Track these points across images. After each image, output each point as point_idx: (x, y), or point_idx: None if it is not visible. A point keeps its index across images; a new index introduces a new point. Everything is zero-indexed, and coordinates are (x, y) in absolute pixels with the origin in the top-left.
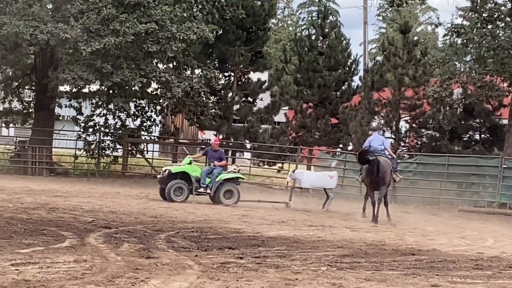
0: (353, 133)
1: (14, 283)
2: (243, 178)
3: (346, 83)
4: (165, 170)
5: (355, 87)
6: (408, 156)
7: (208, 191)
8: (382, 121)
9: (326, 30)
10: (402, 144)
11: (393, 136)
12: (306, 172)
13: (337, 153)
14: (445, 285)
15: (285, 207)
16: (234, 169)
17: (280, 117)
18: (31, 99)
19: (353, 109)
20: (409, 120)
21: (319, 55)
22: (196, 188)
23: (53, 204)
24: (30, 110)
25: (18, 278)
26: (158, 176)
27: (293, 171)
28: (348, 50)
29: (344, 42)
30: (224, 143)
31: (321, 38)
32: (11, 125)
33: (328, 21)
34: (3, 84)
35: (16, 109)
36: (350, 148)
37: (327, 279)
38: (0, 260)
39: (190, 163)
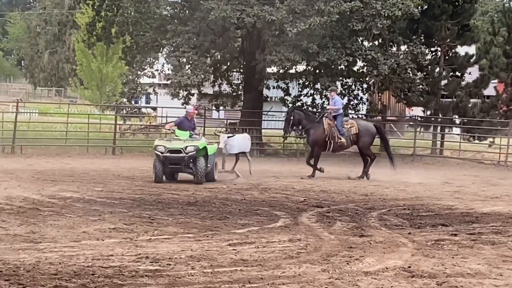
0: None
1: (232, 263)
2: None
3: None
4: (185, 147)
5: None
6: None
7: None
8: None
9: None
10: None
11: None
12: (235, 137)
13: None
14: None
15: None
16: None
17: (489, 91)
18: (239, 81)
19: None
20: None
21: None
22: None
23: (265, 185)
24: (239, 92)
25: (236, 258)
26: (173, 155)
27: (228, 137)
28: None
29: None
30: (433, 119)
31: None
32: (221, 107)
33: None
34: (212, 68)
35: (226, 92)
36: None
37: None
38: (218, 240)
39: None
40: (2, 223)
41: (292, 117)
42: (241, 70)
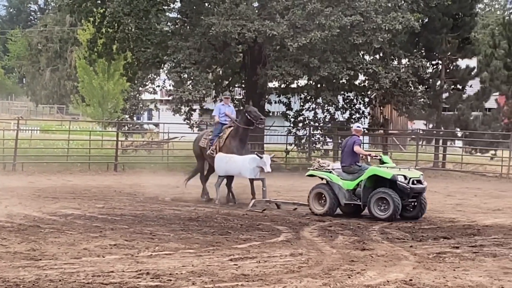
0: None
1: (234, 278)
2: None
3: None
4: (420, 176)
5: None
6: None
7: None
8: None
9: None
10: None
11: None
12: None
13: None
14: None
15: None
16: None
17: (491, 103)
18: (241, 96)
19: None
20: None
21: None
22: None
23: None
24: (241, 107)
25: (237, 273)
26: (418, 186)
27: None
28: None
29: None
30: (435, 132)
31: None
32: None
33: None
34: (214, 83)
35: None
36: None
37: None
38: (219, 255)
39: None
40: (2, 240)
41: None
42: (243, 85)
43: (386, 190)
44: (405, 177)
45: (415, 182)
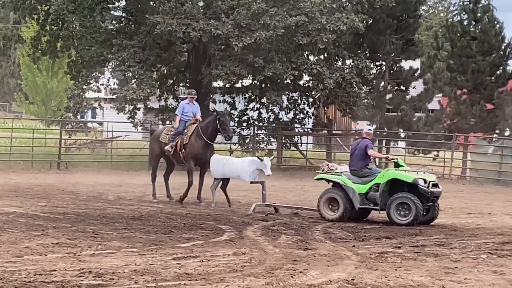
0: (510, 118)
1: (176, 276)
2: None
3: (501, 68)
4: (436, 179)
5: (510, 71)
6: None
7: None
8: None
9: (479, 14)
10: None
11: None
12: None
13: (494, 139)
14: None
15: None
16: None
17: (434, 105)
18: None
19: (509, 94)
20: None
21: (472, 40)
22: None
23: (210, 198)
24: None
25: (179, 272)
26: (437, 189)
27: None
28: (502, 34)
29: (498, 26)
30: (378, 132)
31: (474, 23)
32: (167, 122)
33: (480, 5)
34: (158, 82)
35: (172, 106)
36: (507, 133)
37: (487, 267)
38: (162, 254)
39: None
40: None
41: None
42: (187, 85)
43: (407, 195)
44: (425, 181)
45: (432, 185)
